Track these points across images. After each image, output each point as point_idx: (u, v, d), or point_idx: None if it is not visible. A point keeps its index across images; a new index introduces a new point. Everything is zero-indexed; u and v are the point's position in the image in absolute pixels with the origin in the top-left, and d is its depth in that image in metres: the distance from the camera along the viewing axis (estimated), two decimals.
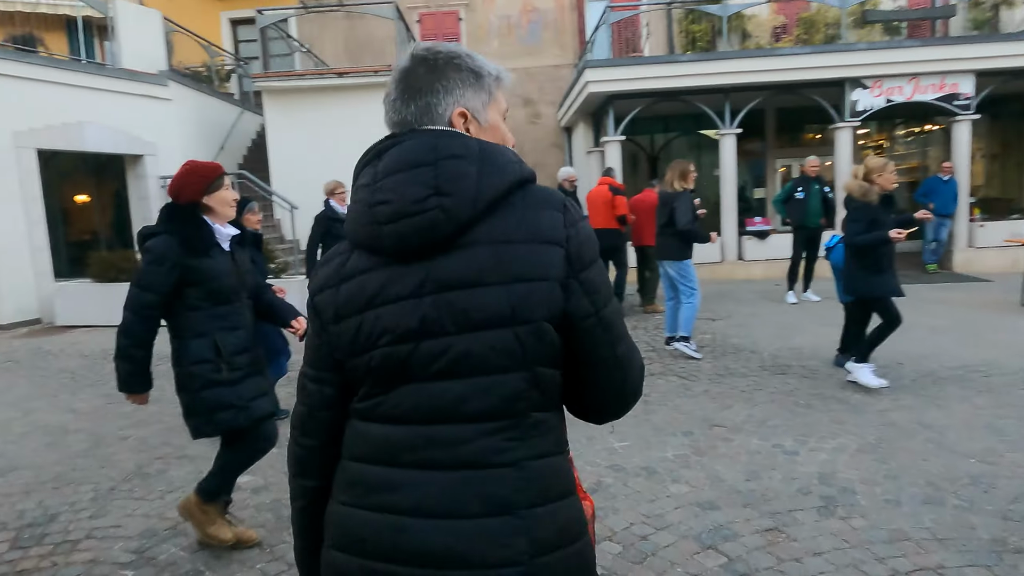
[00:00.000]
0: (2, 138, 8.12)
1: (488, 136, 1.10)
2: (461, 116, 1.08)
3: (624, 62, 10.81)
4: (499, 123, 1.15)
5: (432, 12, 15.19)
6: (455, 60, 1.09)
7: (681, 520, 2.96)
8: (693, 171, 5.99)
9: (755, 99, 10.80)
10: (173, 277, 2.52)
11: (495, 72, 1.13)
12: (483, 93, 1.11)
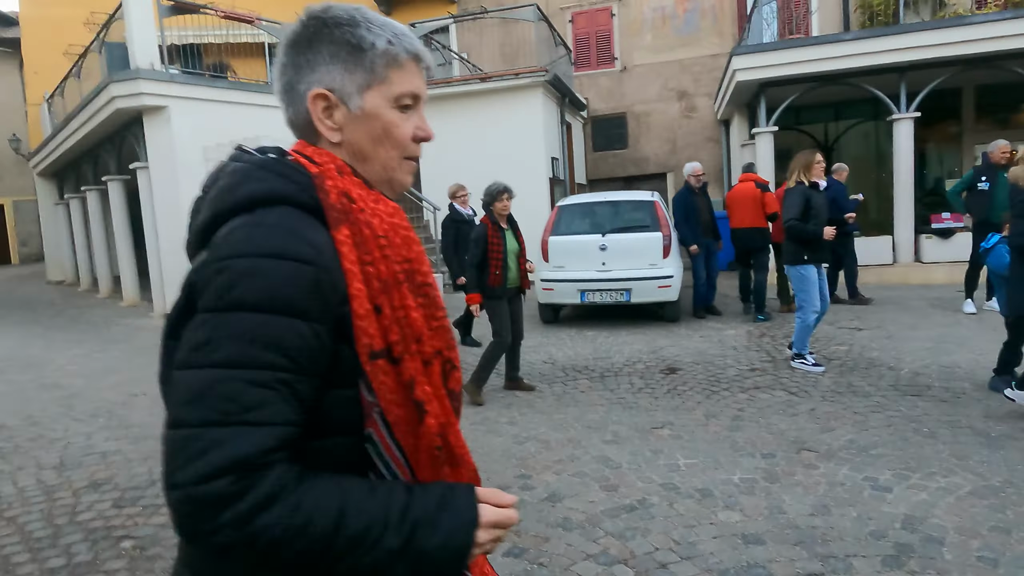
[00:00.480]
0: (195, 152, 9.46)
1: (362, 126, 0.90)
2: (319, 99, 0.88)
3: (775, 46, 9.92)
4: (382, 111, 0.90)
5: (584, 10, 15.11)
6: (328, 28, 0.88)
7: (713, 552, 2.67)
8: (820, 162, 5.35)
9: (938, 77, 9.39)
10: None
11: (389, 47, 0.89)
12: (360, 71, 0.88)
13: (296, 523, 0.72)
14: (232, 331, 0.74)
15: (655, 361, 5.83)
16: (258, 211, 0.81)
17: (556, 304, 7.63)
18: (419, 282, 0.88)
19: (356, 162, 0.91)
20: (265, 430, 0.73)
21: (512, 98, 10.93)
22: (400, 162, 0.94)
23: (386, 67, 0.89)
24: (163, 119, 9.30)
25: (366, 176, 0.92)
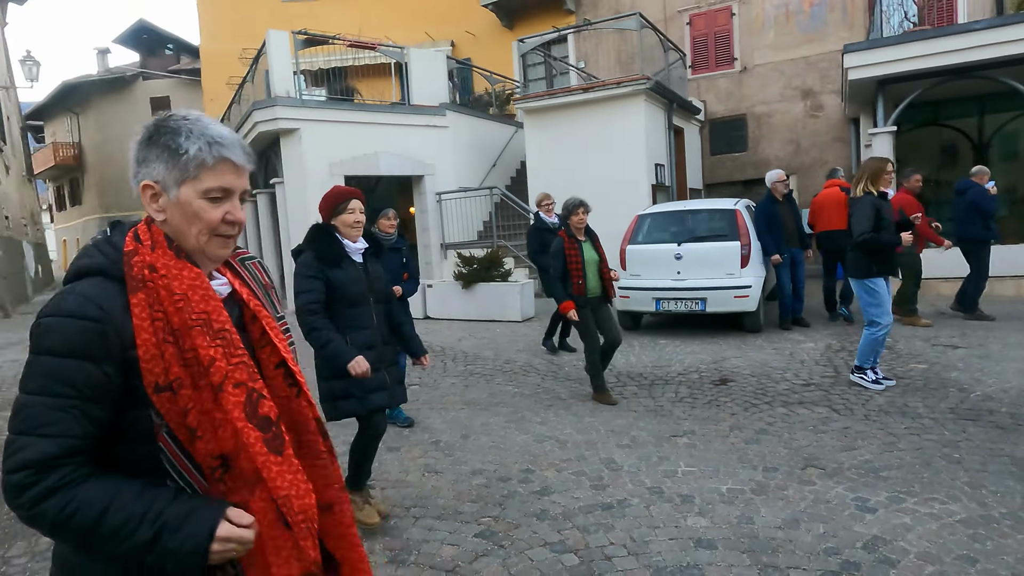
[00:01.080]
0: (322, 168, 10.65)
1: (178, 211, 1.16)
2: (147, 188, 1.16)
3: (892, 40, 9.22)
4: (192, 200, 1.15)
5: (703, 11, 14.83)
6: (160, 133, 1.15)
7: (661, 551, 2.85)
8: (890, 171, 5.11)
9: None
10: (320, 282, 2.99)
11: (199, 153, 1.14)
12: (177, 170, 1.14)
13: (68, 511, 1.03)
14: (39, 369, 1.07)
15: (711, 372, 5.84)
16: (79, 280, 1.13)
17: (634, 312, 7.76)
18: (216, 328, 1.13)
19: (176, 236, 1.18)
20: (51, 441, 1.04)
21: (614, 107, 11.08)
22: (210, 238, 1.18)
23: (197, 168, 1.14)
24: (296, 140, 10.57)
25: (184, 247, 1.18)
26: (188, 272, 1.15)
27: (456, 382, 6.08)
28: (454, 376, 6.30)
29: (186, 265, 1.16)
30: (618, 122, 11.12)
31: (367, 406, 3.03)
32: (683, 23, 15.06)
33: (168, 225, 1.18)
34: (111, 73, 30.43)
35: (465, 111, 13.04)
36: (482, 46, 17.31)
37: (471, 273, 9.15)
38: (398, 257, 4.90)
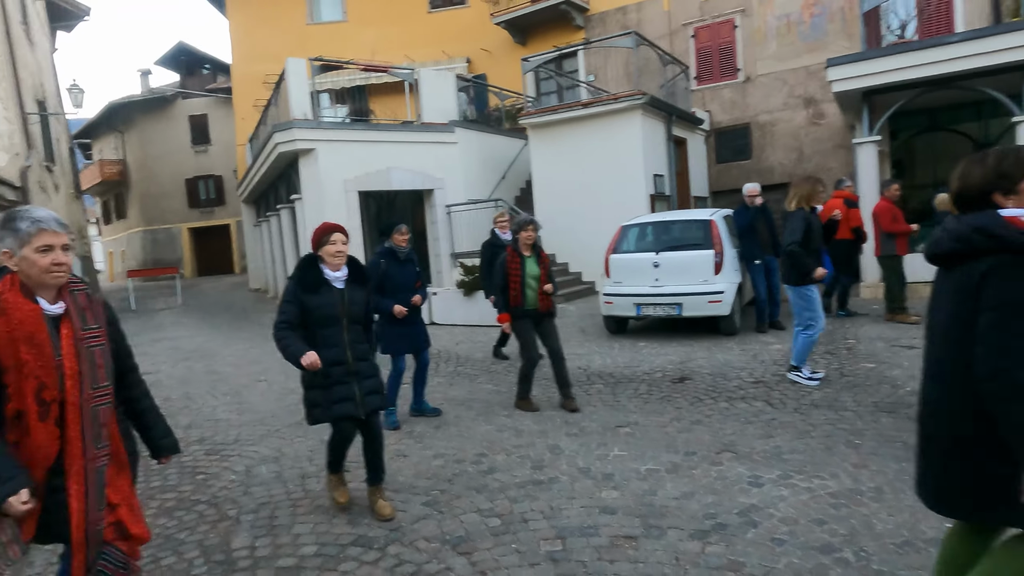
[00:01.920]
0: (337, 184, 11.42)
1: (24, 263, 1.91)
2: (4, 254, 1.92)
3: (872, 54, 9.58)
4: (30, 255, 1.90)
5: (707, 24, 15.25)
6: (10, 220, 1.93)
7: (570, 516, 3.41)
8: (821, 191, 5.62)
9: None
10: (296, 307, 3.48)
11: (29, 227, 1.90)
12: (18, 240, 1.91)
13: None
14: None
15: (675, 371, 6.35)
16: None
17: (618, 316, 8.27)
18: (35, 342, 1.85)
19: (26, 279, 1.92)
20: None
21: (613, 121, 11.61)
22: (45, 275, 1.91)
23: (28, 236, 1.90)
24: (312, 159, 11.37)
25: (31, 285, 1.92)
26: (27, 306, 1.89)
27: (442, 381, 6.70)
28: (442, 376, 6.92)
29: (27, 301, 1.90)
30: (617, 135, 11.65)
31: (332, 414, 3.52)
32: (688, 36, 15.50)
33: (21, 273, 1.91)
34: (153, 93, 32.01)
35: (474, 127, 13.72)
36: (497, 62, 17.99)
37: (472, 281, 9.77)
38: (412, 267, 5.39)
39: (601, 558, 2.96)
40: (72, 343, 1.89)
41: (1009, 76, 8.86)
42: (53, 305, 1.90)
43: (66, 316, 1.91)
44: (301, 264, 3.63)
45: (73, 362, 1.87)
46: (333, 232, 3.56)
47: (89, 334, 1.97)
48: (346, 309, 3.54)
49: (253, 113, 17.99)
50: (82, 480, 1.84)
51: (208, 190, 31.96)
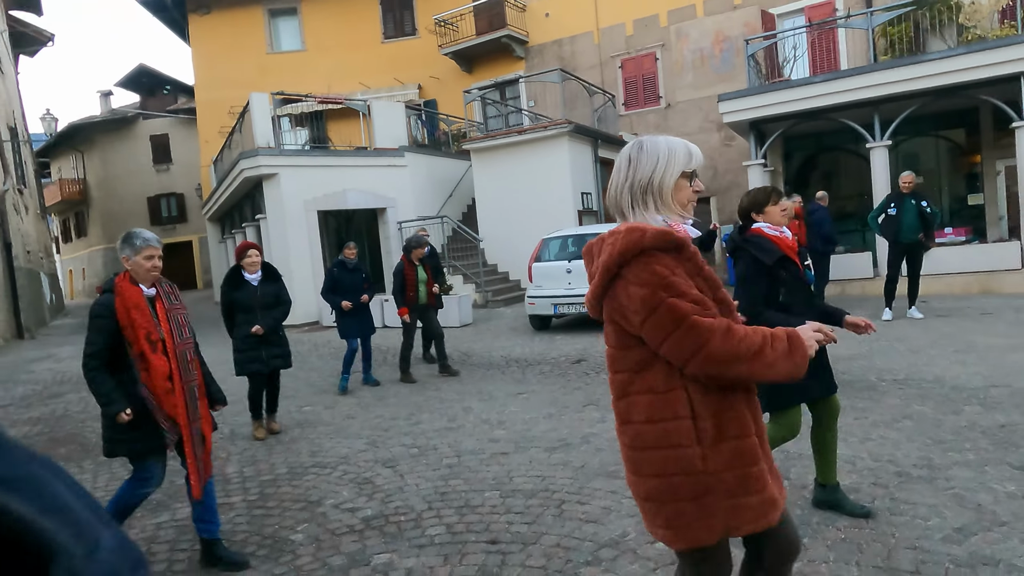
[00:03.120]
0: (298, 205, 12.74)
1: (134, 265, 3.11)
2: (123, 259, 3.33)
3: (755, 91, 11.39)
4: (140, 260, 3.10)
5: (632, 56, 17.04)
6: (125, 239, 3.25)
7: (468, 444, 4.86)
8: None
9: (909, 108, 10.42)
10: (227, 299, 5.42)
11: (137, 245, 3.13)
12: (133, 251, 3.11)
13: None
14: (89, 326, 3.23)
15: (576, 355, 7.88)
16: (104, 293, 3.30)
17: (540, 315, 9.79)
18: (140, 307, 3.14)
19: (134, 275, 3.20)
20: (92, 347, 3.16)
21: (543, 147, 13.21)
22: (147, 273, 3.14)
23: (140, 249, 3.14)
24: (275, 182, 12.68)
25: (136, 279, 3.22)
26: (134, 289, 3.21)
27: (388, 371, 8.10)
28: (390, 367, 8.32)
29: (132, 287, 3.21)
30: (548, 159, 13.25)
31: (245, 370, 5.40)
32: (616, 67, 17.26)
33: (132, 271, 3.24)
34: (114, 114, 32.67)
35: (423, 151, 15.19)
36: (446, 88, 19.51)
37: None
38: (359, 274, 7.12)
39: (481, 465, 4.42)
40: (163, 311, 3.27)
41: (862, 111, 10.72)
42: (149, 289, 3.27)
43: (157, 296, 3.29)
44: (229, 273, 5.55)
45: (165, 322, 3.25)
46: (248, 249, 5.50)
47: (173, 306, 3.35)
48: (259, 300, 5.43)
49: (216, 137, 19.14)
50: (182, 395, 3.22)
51: (170, 208, 32.68)
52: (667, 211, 1.73)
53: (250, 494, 4.25)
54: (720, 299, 1.71)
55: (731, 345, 1.56)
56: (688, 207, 1.78)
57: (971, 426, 4.35)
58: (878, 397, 5.19)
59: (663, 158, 1.73)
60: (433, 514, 3.66)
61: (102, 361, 3.13)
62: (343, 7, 20.09)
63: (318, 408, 6.42)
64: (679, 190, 1.75)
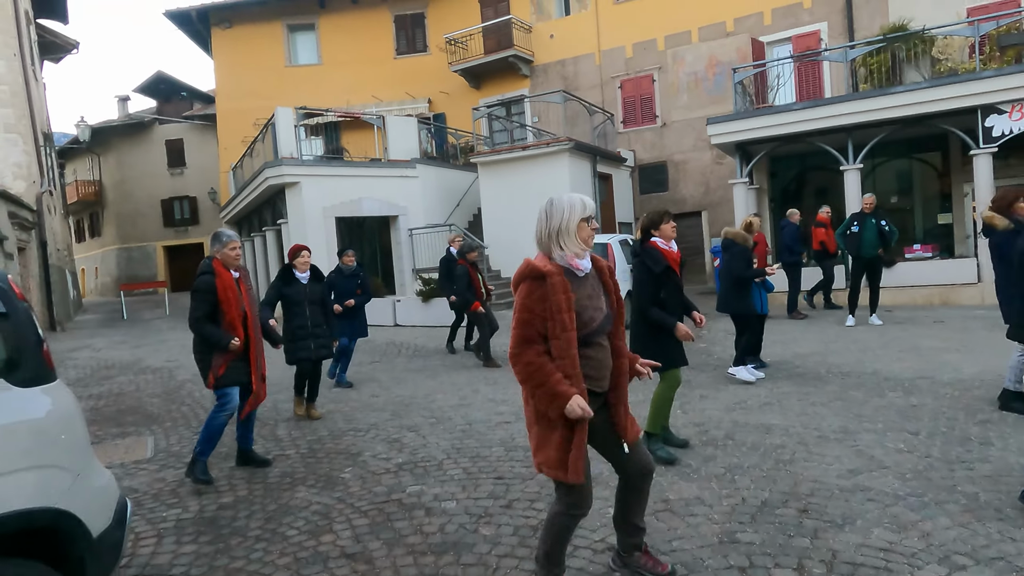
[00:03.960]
0: (317, 211, 13.76)
1: (223, 255, 4.38)
2: (215, 250, 4.44)
3: (740, 116, 12.42)
4: (227, 252, 4.38)
5: (631, 77, 18.10)
6: (215, 237, 4.47)
7: (447, 412, 5.84)
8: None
9: (879, 135, 11.44)
10: (275, 292, 6.23)
11: (227, 239, 4.42)
12: (221, 245, 4.40)
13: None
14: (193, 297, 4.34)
15: None
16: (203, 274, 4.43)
17: None
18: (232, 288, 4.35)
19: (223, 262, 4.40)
20: (198, 312, 4.28)
21: (545, 161, 14.21)
22: (232, 260, 4.42)
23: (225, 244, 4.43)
24: (297, 190, 13.70)
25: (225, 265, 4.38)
26: (228, 273, 4.36)
27: (403, 361, 9.10)
28: (405, 358, 9.33)
29: (226, 271, 4.37)
30: (549, 173, 14.24)
31: (295, 358, 6.09)
32: (616, 87, 18.32)
33: (221, 259, 4.35)
34: (131, 119, 33.78)
35: (433, 163, 16.22)
36: (454, 102, 20.57)
37: (428, 291, 12.19)
38: (355, 280, 7.83)
39: (489, 430, 5.40)
40: (245, 289, 4.30)
41: (837, 136, 11.75)
42: (235, 273, 4.29)
43: (240, 278, 4.29)
44: (281, 270, 6.35)
45: (245, 298, 4.28)
46: (301, 251, 6.31)
47: (248, 287, 4.39)
48: (307, 295, 6.19)
49: (236, 144, 20.18)
50: (254, 352, 4.26)
51: (183, 210, 33.69)
52: (574, 246, 2.54)
53: (301, 449, 5.24)
54: (569, 332, 2.43)
55: (533, 373, 2.43)
56: (588, 242, 2.59)
57: (888, 406, 5.34)
58: (821, 385, 6.18)
59: (567, 211, 2.55)
60: (452, 462, 4.65)
61: (207, 320, 4.27)
62: (358, 23, 21.19)
63: (344, 390, 7.42)
64: (580, 231, 2.53)
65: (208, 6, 20.96)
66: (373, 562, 3.21)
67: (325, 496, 4.14)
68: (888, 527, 3.21)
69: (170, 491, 4.40)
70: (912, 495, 3.56)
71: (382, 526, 3.62)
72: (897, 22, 13.86)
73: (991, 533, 3.08)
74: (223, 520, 3.86)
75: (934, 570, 2.80)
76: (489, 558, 3.17)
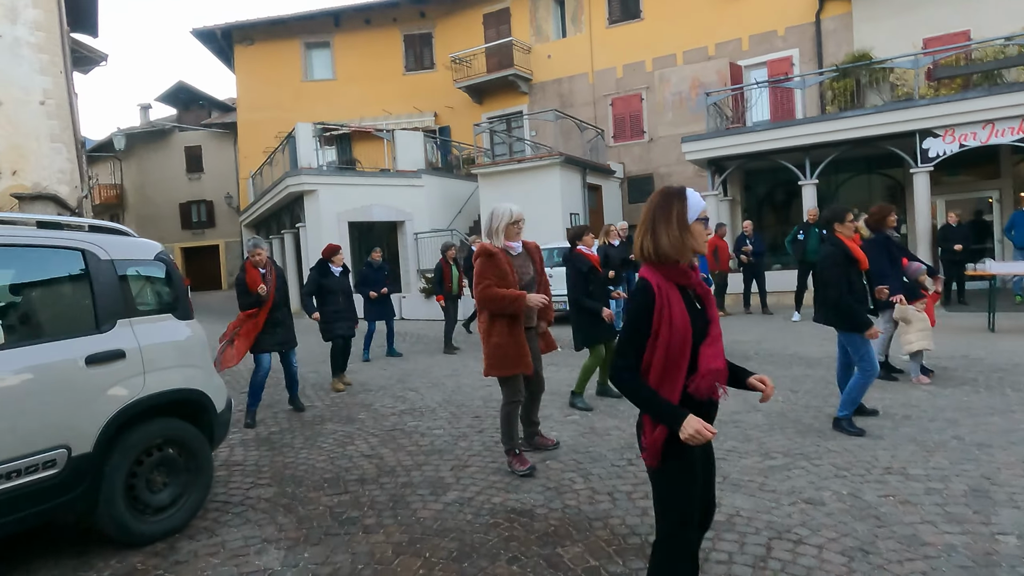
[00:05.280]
0: (332, 216, 15.27)
1: (254, 256, 5.87)
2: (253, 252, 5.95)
3: (712, 135, 13.87)
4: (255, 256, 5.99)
5: (621, 96, 19.59)
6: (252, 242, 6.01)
7: (461, 381, 7.29)
8: (615, 229, 9.64)
9: (832, 154, 12.87)
10: (314, 283, 7.62)
11: (253, 245, 5.92)
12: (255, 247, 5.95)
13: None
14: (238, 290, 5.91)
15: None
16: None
17: None
18: (265, 280, 5.89)
19: (253, 264, 6.60)
20: (246, 301, 5.79)
21: (538, 173, 15.70)
22: (259, 263, 7.63)
23: (255, 248, 6.85)
24: (315, 197, 15.23)
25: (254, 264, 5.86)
26: (255, 271, 5.87)
27: (408, 345, 10.58)
28: (409, 343, 10.81)
29: (253, 269, 5.89)
30: (542, 184, 15.73)
31: (332, 335, 7.49)
32: (607, 104, 19.80)
33: (252, 261, 6.65)
34: (152, 126, 35.52)
35: (437, 173, 17.74)
36: (458, 116, 22.09)
37: (430, 288, 13.67)
38: (382, 273, 9.38)
39: (473, 391, 6.85)
40: (273, 279, 5.76)
41: (795, 154, 13.18)
42: (263, 269, 5.77)
43: (267, 272, 5.77)
44: (318, 264, 7.77)
45: (272, 286, 5.76)
46: (337, 251, 7.73)
47: (277, 275, 5.86)
48: (341, 285, 7.62)
49: (257, 154, 21.78)
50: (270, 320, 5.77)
51: (200, 214, 35.34)
52: (502, 240, 4.10)
53: (324, 401, 6.72)
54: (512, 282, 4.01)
55: (491, 295, 3.96)
56: (517, 237, 4.14)
57: (787, 375, 6.77)
58: (744, 362, 7.60)
59: (500, 217, 4.10)
60: (442, 409, 6.11)
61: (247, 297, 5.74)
62: (370, 42, 22.77)
63: (359, 364, 8.90)
64: (508, 230, 4.09)
65: (232, 25, 22.59)
66: (383, 459, 4.67)
67: (347, 427, 5.61)
68: (736, 439, 4.65)
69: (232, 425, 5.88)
70: (766, 425, 5.00)
71: (389, 442, 5.09)
72: (858, 51, 15.30)
73: (804, 443, 4.53)
74: (274, 439, 5.34)
75: (753, 459, 4.24)
76: (463, 456, 4.64)
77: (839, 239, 4.99)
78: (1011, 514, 3.26)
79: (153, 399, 3.34)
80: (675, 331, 2.02)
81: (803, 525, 3.25)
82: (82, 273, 3.21)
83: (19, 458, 2.77)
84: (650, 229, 2.16)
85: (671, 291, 2.08)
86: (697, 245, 2.15)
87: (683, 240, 2.11)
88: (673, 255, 2.10)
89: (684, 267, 2.12)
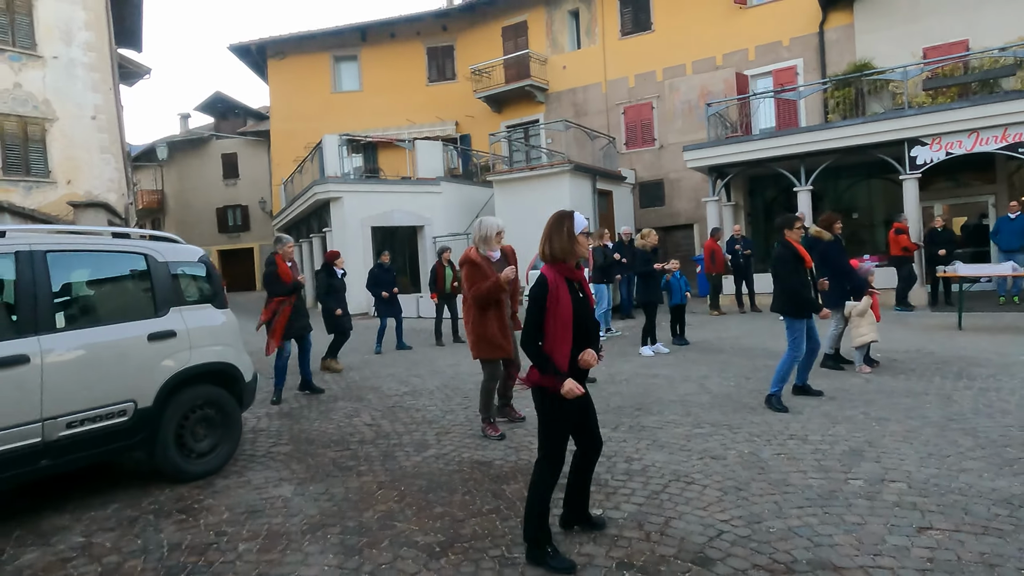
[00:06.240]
0: (357, 221, 16.37)
1: (283, 252, 6.93)
2: (283, 249, 6.99)
3: (711, 144, 14.60)
4: (284, 250, 6.94)
5: (632, 104, 20.36)
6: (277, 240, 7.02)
7: (460, 368, 8.22)
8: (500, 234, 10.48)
9: (825, 161, 13.51)
10: (327, 283, 8.78)
11: (284, 242, 6.95)
12: (282, 245, 6.93)
13: None
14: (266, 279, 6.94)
15: None
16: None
17: None
18: (285, 271, 6.90)
19: (284, 258, 7.18)
20: (273, 289, 6.81)
21: (549, 180, 16.57)
22: (288, 257, 7.52)
23: (283, 246, 7.73)
24: (340, 203, 16.34)
25: (284, 259, 8.56)
26: (284, 264, 9.03)
27: (421, 341, 11.56)
28: (421, 340, 11.79)
29: (283, 263, 9.61)
30: (552, 190, 16.60)
31: (341, 327, 8.59)
32: (619, 113, 20.59)
33: (280, 253, 7.39)
34: (191, 134, 37.31)
35: (455, 180, 18.75)
36: (478, 124, 23.10)
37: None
38: (391, 274, 10.47)
39: (469, 379, 7.75)
40: (295, 270, 6.78)
41: (791, 161, 13.84)
42: (288, 263, 6.79)
43: (292, 265, 6.79)
44: (323, 266, 8.95)
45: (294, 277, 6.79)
46: (337, 256, 8.83)
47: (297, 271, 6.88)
48: (342, 284, 8.69)
49: (288, 162, 23.09)
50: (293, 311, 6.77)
51: (235, 218, 37.00)
52: (492, 247, 5.06)
53: (340, 386, 7.72)
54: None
55: (478, 293, 4.90)
56: (497, 246, 5.10)
57: (749, 365, 7.55)
58: (716, 355, 8.39)
59: (490, 227, 5.07)
60: (439, 392, 7.05)
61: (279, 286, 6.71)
62: (395, 55, 23.93)
63: (371, 356, 9.91)
64: (494, 238, 5.05)
65: (266, 40, 23.96)
66: (381, 427, 5.63)
67: (356, 404, 6.60)
68: (677, 414, 5.50)
69: (259, 403, 6.91)
70: (709, 403, 5.83)
71: (389, 416, 6.05)
72: (860, 61, 15.87)
73: (735, 417, 5.35)
74: (294, 413, 6.35)
75: (685, 428, 5.08)
76: (447, 425, 5.58)
77: (789, 242, 5.85)
78: (870, 467, 4.07)
79: (197, 369, 4.34)
80: (562, 311, 2.92)
81: (700, 472, 4.11)
82: (145, 271, 4.23)
83: (102, 407, 3.78)
84: (548, 239, 3.09)
85: (560, 283, 2.98)
86: (581, 251, 3.06)
87: (571, 247, 3.03)
88: (563, 257, 3.01)
89: (571, 266, 3.03)
